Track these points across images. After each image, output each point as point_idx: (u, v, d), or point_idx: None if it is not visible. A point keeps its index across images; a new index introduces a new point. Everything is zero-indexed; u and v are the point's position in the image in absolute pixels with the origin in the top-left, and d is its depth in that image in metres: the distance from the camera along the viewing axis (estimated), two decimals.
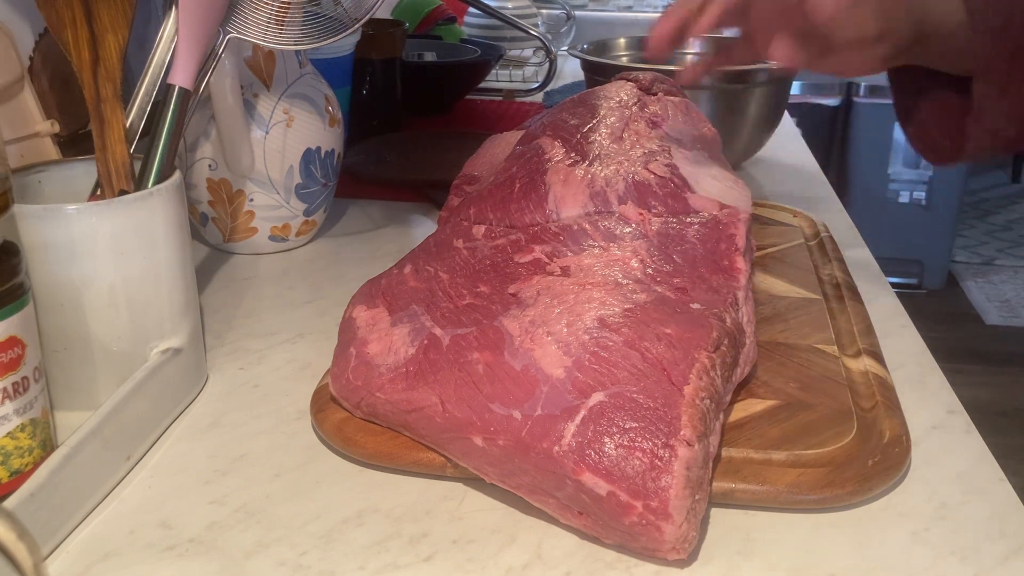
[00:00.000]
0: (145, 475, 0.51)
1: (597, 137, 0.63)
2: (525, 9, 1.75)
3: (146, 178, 0.59)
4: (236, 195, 0.78)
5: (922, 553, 0.46)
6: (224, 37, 0.65)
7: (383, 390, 0.51)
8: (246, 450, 0.54)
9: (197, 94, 0.64)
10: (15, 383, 0.46)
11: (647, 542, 0.43)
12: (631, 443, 0.43)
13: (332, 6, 0.68)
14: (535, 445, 0.44)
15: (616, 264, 0.53)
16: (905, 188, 3.04)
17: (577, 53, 1.04)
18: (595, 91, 0.70)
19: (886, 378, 0.58)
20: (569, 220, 0.57)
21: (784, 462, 0.50)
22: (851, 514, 0.48)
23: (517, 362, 0.48)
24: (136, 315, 0.55)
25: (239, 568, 0.44)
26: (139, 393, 0.52)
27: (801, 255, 0.78)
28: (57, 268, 0.52)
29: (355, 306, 0.57)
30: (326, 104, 0.80)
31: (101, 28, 0.57)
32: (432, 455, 0.50)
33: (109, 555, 0.45)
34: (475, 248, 0.57)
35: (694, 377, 0.45)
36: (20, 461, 0.47)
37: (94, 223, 0.52)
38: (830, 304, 0.68)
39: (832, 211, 0.93)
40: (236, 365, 0.63)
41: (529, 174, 0.61)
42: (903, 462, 0.50)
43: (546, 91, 1.43)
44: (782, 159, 1.12)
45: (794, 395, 0.56)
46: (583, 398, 0.45)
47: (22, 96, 0.70)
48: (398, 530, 0.47)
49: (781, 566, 0.45)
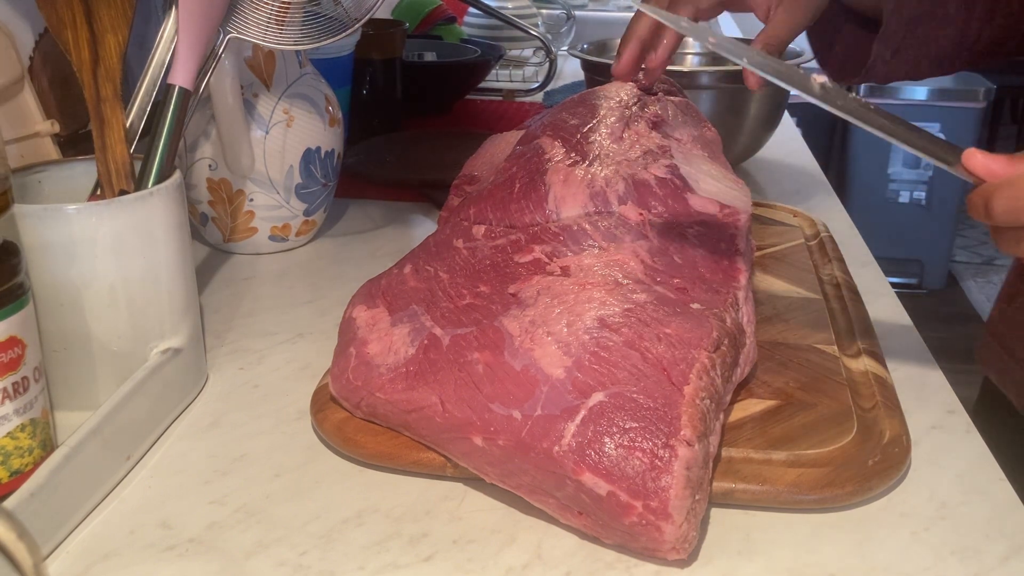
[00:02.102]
0: (145, 475, 0.51)
1: (597, 137, 0.63)
2: (525, 9, 1.75)
3: (146, 178, 0.59)
4: (236, 195, 0.78)
5: (922, 553, 0.46)
6: (224, 37, 0.65)
7: (383, 390, 0.51)
8: (246, 450, 0.54)
9: (197, 94, 0.64)
10: (15, 383, 0.46)
11: (647, 542, 0.43)
12: (631, 443, 0.43)
13: (332, 6, 0.68)
14: (535, 445, 0.44)
15: (616, 264, 0.53)
16: (905, 188, 3.04)
17: (577, 53, 1.04)
18: (595, 91, 0.70)
19: (886, 378, 0.58)
20: (569, 220, 0.57)
21: (784, 462, 0.50)
22: (851, 514, 0.48)
23: (517, 362, 0.48)
24: (136, 315, 0.55)
25: (239, 568, 0.44)
26: (139, 393, 0.52)
27: (801, 255, 0.78)
28: (57, 268, 0.52)
29: (355, 306, 0.57)
30: (326, 104, 0.80)
31: (101, 28, 0.57)
32: (432, 455, 0.50)
33: (109, 555, 0.45)
34: (475, 248, 0.57)
35: (694, 377, 0.45)
36: (20, 461, 0.47)
37: (94, 223, 0.52)
38: (830, 304, 0.68)
39: (832, 211, 0.93)
40: (236, 365, 0.63)
41: (529, 174, 0.61)
42: (903, 462, 0.50)
43: (546, 91, 1.43)
44: (782, 159, 1.12)
45: (794, 395, 0.56)
46: (583, 398, 0.45)
47: (22, 96, 0.70)
48: (398, 530, 0.47)
49: (781, 566, 0.45)
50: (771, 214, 0.87)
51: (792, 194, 0.99)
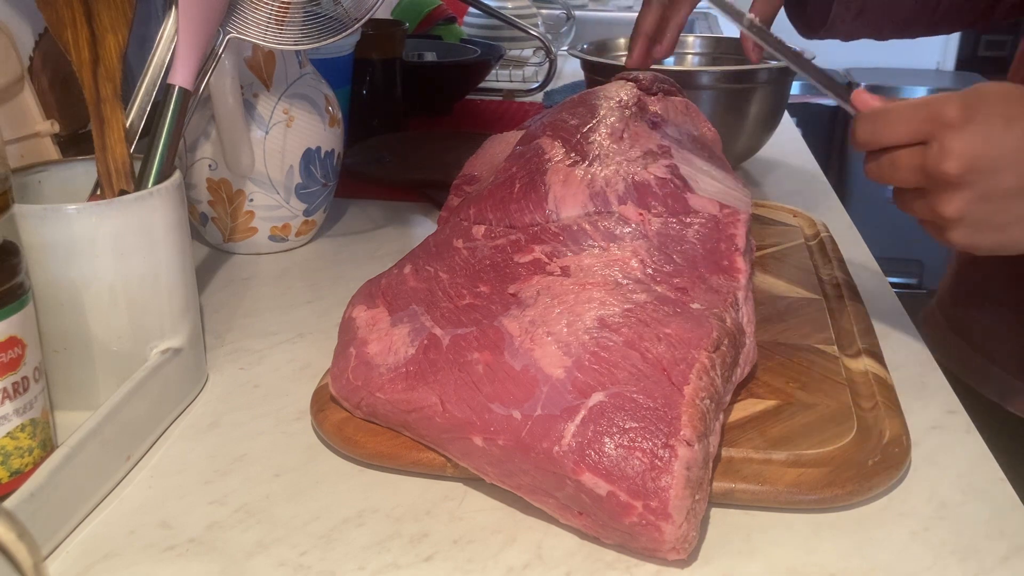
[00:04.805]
0: (145, 475, 0.51)
1: (597, 137, 0.63)
2: (525, 9, 1.75)
3: (146, 178, 0.59)
4: (236, 195, 0.78)
5: (922, 553, 0.46)
6: (224, 37, 0.65)
7: (383, 390, 0.51)
8: (246, 450, 0.54)
9: (197, 94, 0.64)
10: (15, 383, 0.46)
11: (647, 542, 0.43)
12: (631, 443, 0.43)
13: (332, 6, 0.68)
14: (535, 445, 0.44)
15: (616, 264, 0.53)
16: None
17: (577, 53, 1.04)
18: (595, 91, 0.70)
19: (886, 378, 0.58)
20: (569, 220, 0.57)
21: (784, 462, 0.50)
22: (851, 514, 0.48)
23: (517, 362, 0.48)
24: (136, 315, 0.55)
25: (239, 568, 0.44)
26: (139, 393, 0.52)
27: (801, 255, 0.78)
28: (57, 268, 0.52)
29: (355, 306, 0.57)
30: (326, 104, 0.80)
31: (101, 28, 0.57)
32: (432, 455, 0.50)
33: (109, 555, 0.45)
34: (475, 248, 0.57)
35: (694, 377, 0.45)
36: (20, 461, 0.47)
37: (94, 223, 0.52)
38: (830, 304, 0.68)
39: (832, 211, 0.93)
40: (236, 365, 0.63)
41: (529, 174, 0.61)
42: (903, 462, 0.50)
43: (546, 91, 1.43)
44: (782, 159, 1.12)
45: (794, 395, 0.56)
46: (583, 398, 0.45)
47: (22, 96, 0.70)
48: (398, 530, 0.47)
49: (781, 566, 0.45)
50: (771, 214, 0.87)
51: (792, 194, 0.99)
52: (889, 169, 0.53)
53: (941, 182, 0.51)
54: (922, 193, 0.53)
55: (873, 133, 0.53)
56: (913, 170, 0.52)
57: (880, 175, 0.54)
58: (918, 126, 0.51)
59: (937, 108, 0.51)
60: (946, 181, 0.50)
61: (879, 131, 0.53)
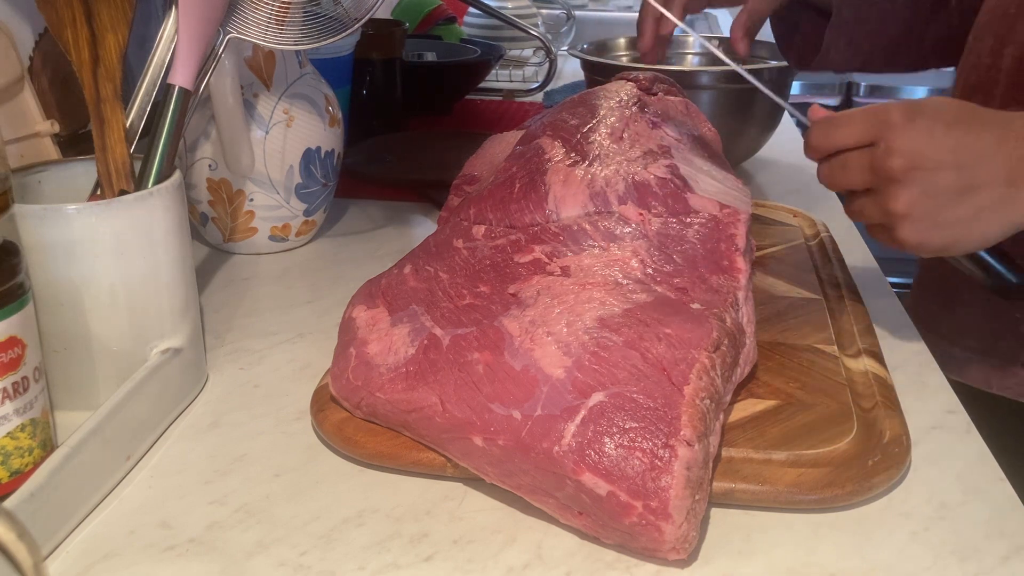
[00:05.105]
0: (145, 475, 0.51)
1: (597, 137, 0.63)
2: (525, 9, 1.75)
3: (146, 178, 0.59)
4: (236, 195, 0.78)
5: (922, 553, 0.46)
6: (224, 37, 0.65)
7: (383, 390, 0.51)
8: (246, 450, 0.54)
9: (197, 94, 0.64)
10: (15, 383, 0.46)
11: (647, 542, 0.43)
12: (631, 443, 0.43)
13: (332, 6, 0.68)
14: (535, 445, 0.44)
15: (616, 264, 0.53)
16: None
17: (577, 53, 1.04)
18: (595, 91, 0.70)
19: (886, 378, 0.58)
20: (569, 220, 0.57)
21: (784, 462, 0.50)
22: (851, 514, 0.48)
23: (517, 362, 0.48)
24: (136, 315, 0.55)
25: (239, 568, 0.44)
26: (139, 393, 0.52)
27: (801, 255, 0.78)
28: (57, 268, 0.52)
29: (355, 306, 0.57)
30: (326, 104, 0.80)
31: (101, 28, 0.57)
32: (432, 455, 0.50)
33: (109, 555, 0.45)
34: (475, 248, 0.57)
35: (694, 377, 0.45)
36: (20, 461, 0.47)
37: (94, 223, 0.52)
38: (830, 304, 0.68)
39: (832, 211, 0.93)
40: (236, 365, 0.63)
41: (529, 174, 0.61)
42: (903, 462, 0.50)
43: (546, 91, 1.43)
44: (782, 159, 1.12)
45: (794, 395, 0.56)
46: (583, 398, 0.45)
47: (22, 96, 0.70)
48: (398, 530, 0.47)
49: (781, 566, 0.45)
50: (771, 214, 0.87)
51: (792, 194, 0.99)
52: (840, 171, 0.57)
53: (888, 179, 0.54)
54: (871, 194, 0.56)
55: (825, 137, 0.57)
56: (862, 170, 0.55)
57: (832, 178, 0.58)
58: (866, 129, 0.55)
59: (884, 113, 0.55)
60: (892, 178, 0.54)
61: (831, 135, 0.57)
